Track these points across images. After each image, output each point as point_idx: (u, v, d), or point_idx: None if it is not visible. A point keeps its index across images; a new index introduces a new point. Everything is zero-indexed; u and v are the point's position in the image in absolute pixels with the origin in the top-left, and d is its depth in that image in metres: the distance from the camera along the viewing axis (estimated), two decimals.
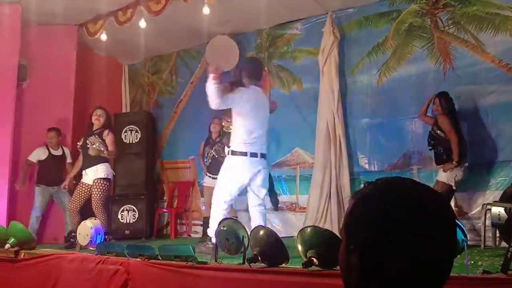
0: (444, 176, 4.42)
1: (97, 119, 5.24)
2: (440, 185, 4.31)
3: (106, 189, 5.19)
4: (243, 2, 5.51)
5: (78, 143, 5.29)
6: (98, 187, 5.07)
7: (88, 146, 5.10)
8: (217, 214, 3.95)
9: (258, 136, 4.00)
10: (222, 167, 4.12)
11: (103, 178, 5.12)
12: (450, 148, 4.37)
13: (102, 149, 5.08)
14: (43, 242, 5.22)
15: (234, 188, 3.98)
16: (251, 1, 5.48)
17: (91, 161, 5.13)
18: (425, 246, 0.80)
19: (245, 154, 3.93)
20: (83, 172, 5.21)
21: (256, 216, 4.07)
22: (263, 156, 4.04)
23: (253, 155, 3.95)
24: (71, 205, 5.15)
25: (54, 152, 5.94)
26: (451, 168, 4.36)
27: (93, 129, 5.26)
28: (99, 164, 5.11)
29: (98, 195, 5.05)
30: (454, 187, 4.34)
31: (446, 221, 0.85)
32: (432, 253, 0.81)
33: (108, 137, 5.23)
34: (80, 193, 5.14)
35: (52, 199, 5.86)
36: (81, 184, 5.18)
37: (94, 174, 5.11)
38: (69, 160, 5.97)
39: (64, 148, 6.03)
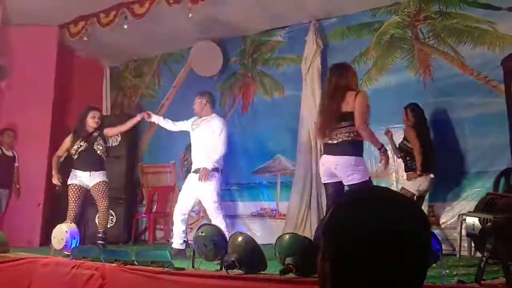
0: (408, 184, 4.56)
1: (96, 122, 5.00)
2: (404, 193, 4.36)
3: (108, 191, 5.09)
4: (228, 8, 5.53)
5: (76, 145, 4.94)
6: (104, 189, 4.96)
7: (95, 148, 4.95)
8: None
9: None
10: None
11: (106, 181, 5.04)
12: None
13: (105, 153, 5.07)
14: (16, 245, 5.08)
15: None
16: (236, 7, 5.50)
17: (95, 165, 4.96)
18: (396, 256, 0.80)
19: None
20: (78, 173, 4.93)
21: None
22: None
23: None
24: (70, 213, 4.82)
25: (6, 153, 5.87)
26: (414, 177, 4.50)
27: (90, 132, 5.01)
28: (104, 170, 5.03)
29: (105, 196, 4.97)
30: (416, 196, 4.43)
31: (419, 230, 0.84)
32: (403, 263, 0.80)
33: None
34: (78, 197, 4.90)
35: None
36: (76, 187, 4.89)
37: (98, 177, 4.96)
38: (17, 164, 5.90)
39: (14, 151, 5.94)
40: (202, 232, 3.40)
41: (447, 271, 3.01)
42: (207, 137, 4.50)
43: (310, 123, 5.58)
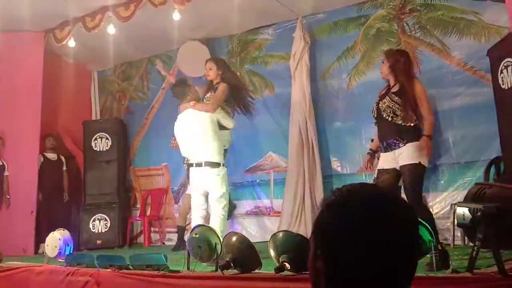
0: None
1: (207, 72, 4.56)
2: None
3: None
4: (214, 7, 5.51)
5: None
6: None
7: None
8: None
9: None
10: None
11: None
12: None
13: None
14: (11, 254, 5.05)
15: None
16: (222, 6, 5.48)
17: None
18: (386, 250, 0.81)
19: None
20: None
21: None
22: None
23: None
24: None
25: None
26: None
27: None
28: None
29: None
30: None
31: (407, 224, 0.86)
32: (394, 256, 0.82)
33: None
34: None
35: None
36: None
37: None
38: (6, 173, 5.85)
39: (3, 160, 5.89)
40: (196, 233, 3.40)
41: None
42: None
43: (301, 119, 5.58)
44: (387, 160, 3.55)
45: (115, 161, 6.67)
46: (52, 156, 6.42)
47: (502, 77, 4.14)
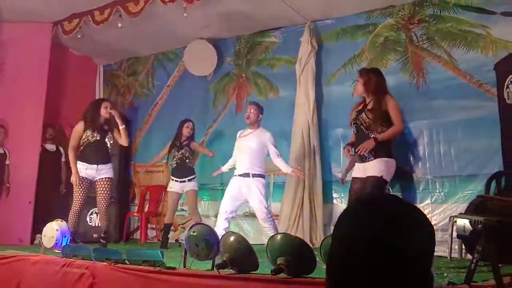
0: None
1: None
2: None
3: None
4: (222, 7, 5.53)
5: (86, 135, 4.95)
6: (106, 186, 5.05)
7: (106, 140, 5.08)
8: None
9: None
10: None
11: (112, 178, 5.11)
12: None
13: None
14: (7, 243, 5.04)
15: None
16: (231, 7, 5.50)
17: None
18: (396, 261, 0.81)
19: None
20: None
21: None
22: None
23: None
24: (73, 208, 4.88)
25: None
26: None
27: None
28: (110, 163, 5.19)
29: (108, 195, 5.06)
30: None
31: (416, 237, 0.85)
32: (403, 267, 0.81)
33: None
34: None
35: None
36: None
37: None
38: (8, 161, 5.86)
39: (5, 148, 5.91)
40: (194, 231, 3.39)
41: (438, 273, 3.03)
42: (256, 147, 4.75)
43: (304, 124, 5.58)
44: (360, 170, 3.93)
45: (116, 155, 6.64)
46: (50, 147, 6.41)
47: (507, 92, 4.14)
